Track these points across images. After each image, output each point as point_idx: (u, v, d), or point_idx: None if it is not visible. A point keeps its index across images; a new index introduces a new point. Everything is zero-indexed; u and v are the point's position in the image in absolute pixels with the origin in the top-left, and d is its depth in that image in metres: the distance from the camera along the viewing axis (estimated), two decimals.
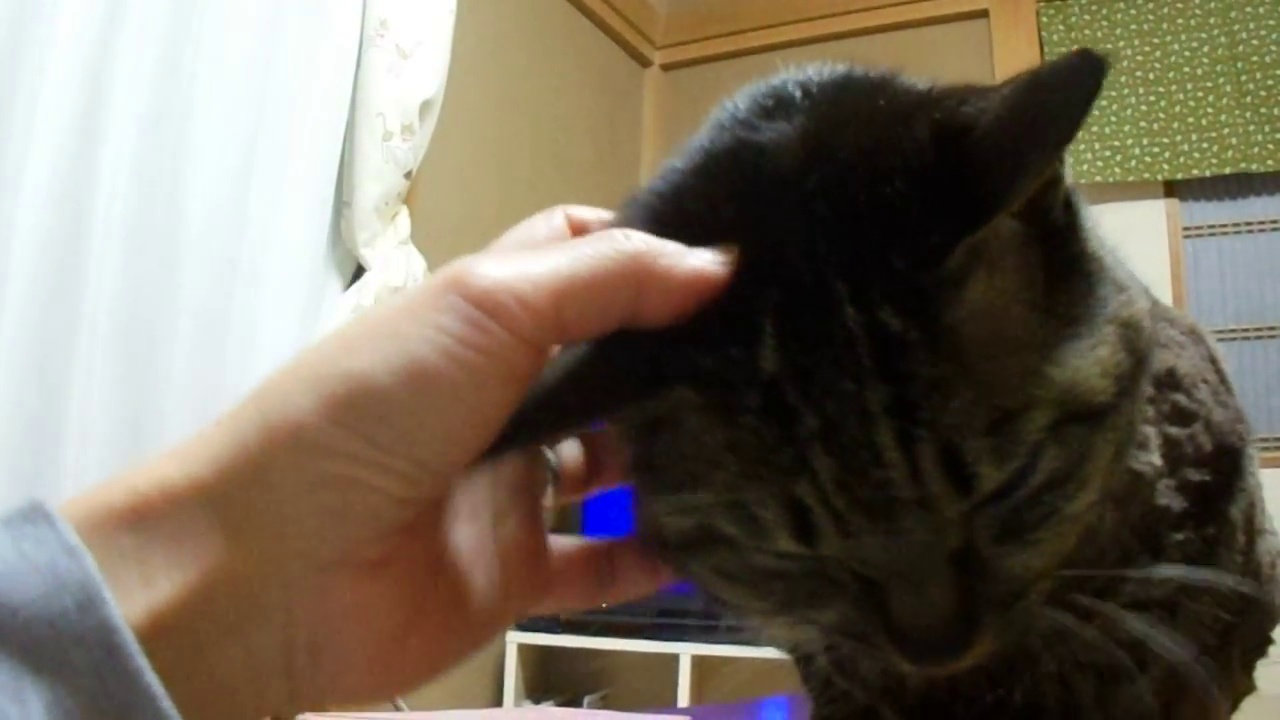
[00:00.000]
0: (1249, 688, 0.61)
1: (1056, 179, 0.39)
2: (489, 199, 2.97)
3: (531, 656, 2.94)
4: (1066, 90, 0.35)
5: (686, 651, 2.66)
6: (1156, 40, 3.01)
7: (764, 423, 0.36)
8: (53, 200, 1.85)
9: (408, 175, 2.42)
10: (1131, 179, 2.99)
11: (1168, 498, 0.48)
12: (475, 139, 2.93)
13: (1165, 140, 2.95)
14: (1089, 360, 0.38)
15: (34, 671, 0.31)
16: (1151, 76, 3.00)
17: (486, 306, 0.35)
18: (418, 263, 2.46)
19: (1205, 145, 2.90)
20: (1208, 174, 2.91)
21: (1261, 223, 2.96)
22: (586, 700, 2.88)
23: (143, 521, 0.34)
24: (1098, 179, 3.02)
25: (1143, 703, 0.50)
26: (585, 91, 3.56)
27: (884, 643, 0.38)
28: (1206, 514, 0.49)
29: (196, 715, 0.33)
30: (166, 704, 0.32)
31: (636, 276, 0.37)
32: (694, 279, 0.37)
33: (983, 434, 0.35)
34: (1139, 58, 3.02)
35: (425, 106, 2.43)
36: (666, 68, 3.93)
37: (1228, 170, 2.89)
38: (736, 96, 0.44)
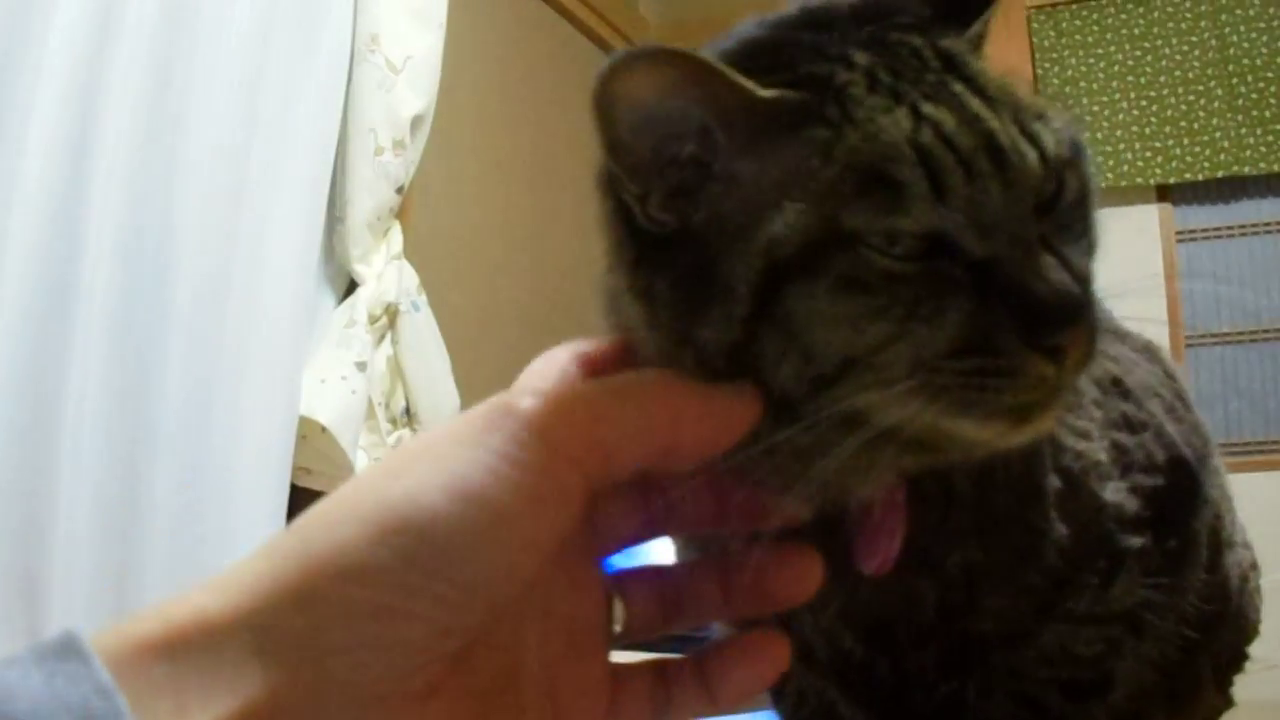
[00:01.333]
0: (1226, 703, 0.61)
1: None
2: (482, 213, 2.98)
3: None
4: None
5: None
6: (1147, 45, 3.03)
7: (871, 94, 0.41)
8: (45, 216, 1.84)
9: (399, 190, 2.42)
10: (1124, 184, 3.01)
11: (1119, 496, 0.49)
12: (468, 153, 2.93)
13: (1157, 144, 2.97)
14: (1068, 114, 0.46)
15: None
16: (1143, 81, 3.02)
17: (535, 426, 0.36)
18: (410, 277, 2.46)
19: (1197, 149, 2.92)
20: (1200, 178, 2.93)
21: (1255, 225, 2.97)
22: None
23: (177, 652, 0.33)
24: None
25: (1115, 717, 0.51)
26: (577, 103, 3.55)
27: (1011, 327, 0.39)
28: (1166, 525, 0.51)
29: None
30: None
31: (674, 415, 0.39)
32: (724, 420, 0.40)
33: (1035, 118, 0.43)
34: (1130, 63, 3.04)
35: (416, 121, 2.43)
36: None
37: (1220, 174, 2.91)
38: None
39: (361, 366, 2.31)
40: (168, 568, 1.98)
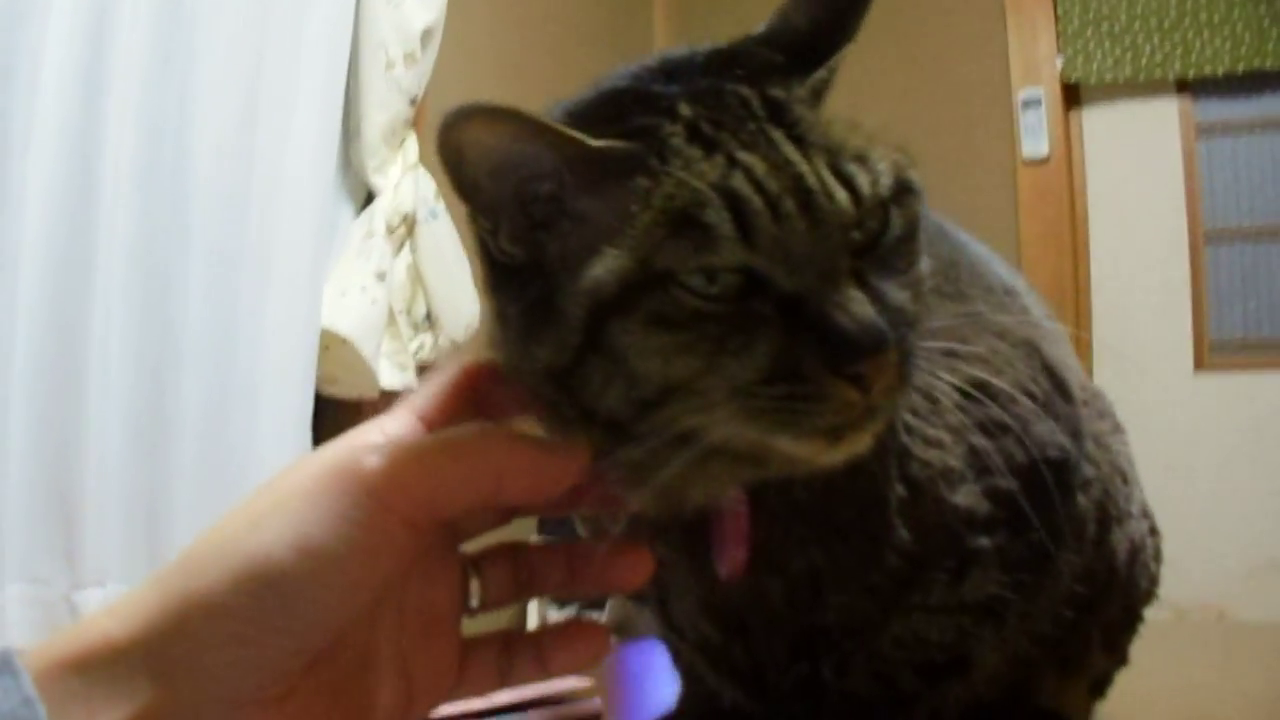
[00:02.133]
0: (1118, 662, 0.65)
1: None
2: None
3: None
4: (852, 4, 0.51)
5: None
6: None
7: (690, 144, 0.45)
8: (63, 143, 1.89)
9: (413, 102, 2.45)
10: (1142, 78, 2.96)
11: (970, 500, 0.52)
12: (482, 59, 2.94)
13: (1177, 37, 2.92)
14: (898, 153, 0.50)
15: None
16: None
17: (371, 489, 0.43)
18: (427, 186, 2.49)
19: (1218, 42, 2.87)
20: (1220, 72, 2.88)
21: (1277, 121, 2.93)
22: None
23: (88, 667, 0.42)
24: (1108, 78, 3.00)
25: (974, 694, 0.55)
26: (593, 2, 3.55)
27: (818, 354, 0.43)
28: (1026, 520, 0.53)
29: None
30: None
31: (499, 471, 0.45)
32: (547, 475, 0.46)
33: (852, 160, 0.46)
34: None
35: (426, 34, 2.45)
36: None
37: (1241, 68, 2.86)
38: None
39: (381, 276, 2.37)
40: (196, 480, 2.08)
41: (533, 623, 2.79)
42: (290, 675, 0.44)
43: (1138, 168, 3.02)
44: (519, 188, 0.47)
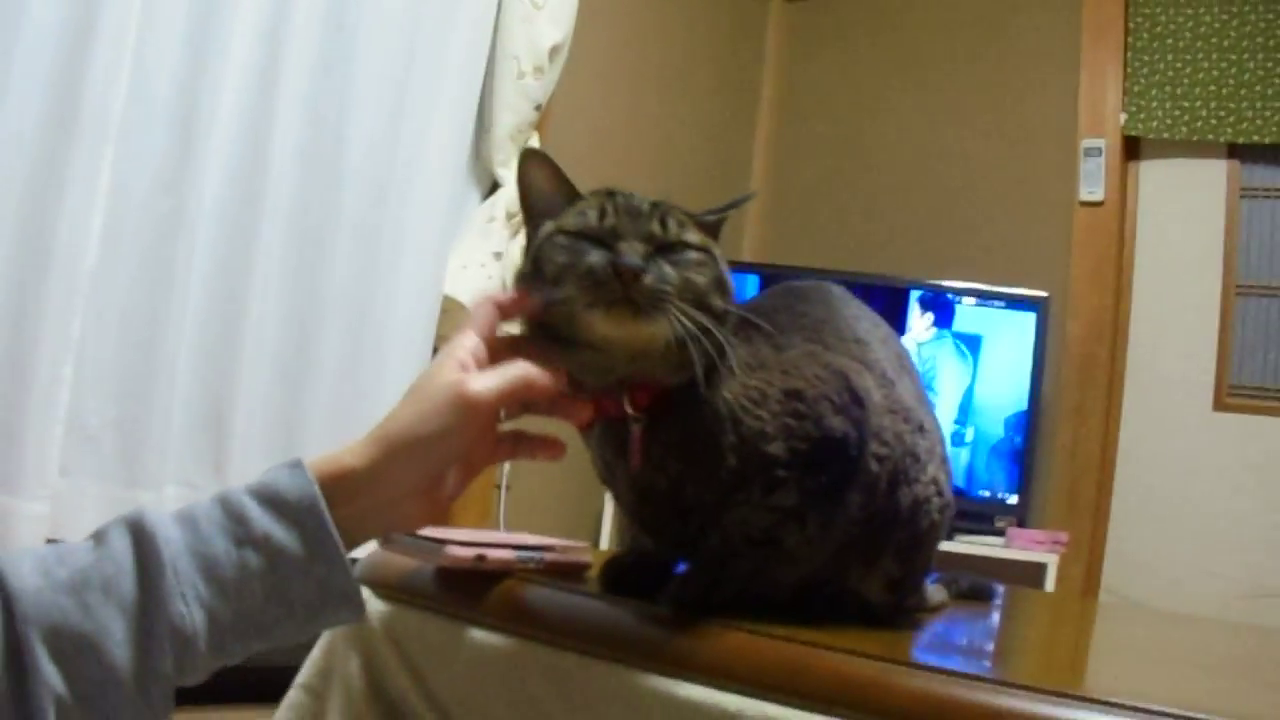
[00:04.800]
0: (903, 571, 0.95)
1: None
2: (612, 122, 3.34)
3: None
4: (725, 211, 0.92)
5: None
6: (1234, 9, 3.21)
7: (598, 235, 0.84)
8: (240, 133, 2.30)
9: (538, 108, 2.81)
10: (1197, 139, 3.22)
11: (777, 449, 0.86)
12: (602, 73, 3.27)
13: (1232, 105, 3.17)
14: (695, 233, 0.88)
15: (285, 522, 0.75)
16: (1225, 44, 3.20)
17: (466, 400, 0.79)
18: None
19: (1268, 114, 3.13)
20: (1268, 140, 3.13)
21: None
22: None
23: (335, 480, 0.77)
24: (1165, 135, 3.27)
25: (808, 571, 0.91)
26: (709, 23, 3.83)
27: (607, 264, 0.80)
28: (815, 467, 0.86)
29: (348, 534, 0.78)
30: (334, 529, 0.76)
31: (529, 386, 0.82)
32: (551, 383, 0.82)
33: (664, 218, 0.86)
34: (1216, 25, 3.22)
35: (554, 50, 2.80)
36: None
37: None
38: None
39: (498, 256, 2.74)
40: (330, 415, 2.50)
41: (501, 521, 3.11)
42: (427, 482, 0.81)
43: (1184, 220, 3.28)
44: (546, 201, 0.89)
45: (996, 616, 1.27)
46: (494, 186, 2.84)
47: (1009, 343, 3.22)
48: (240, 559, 0.73)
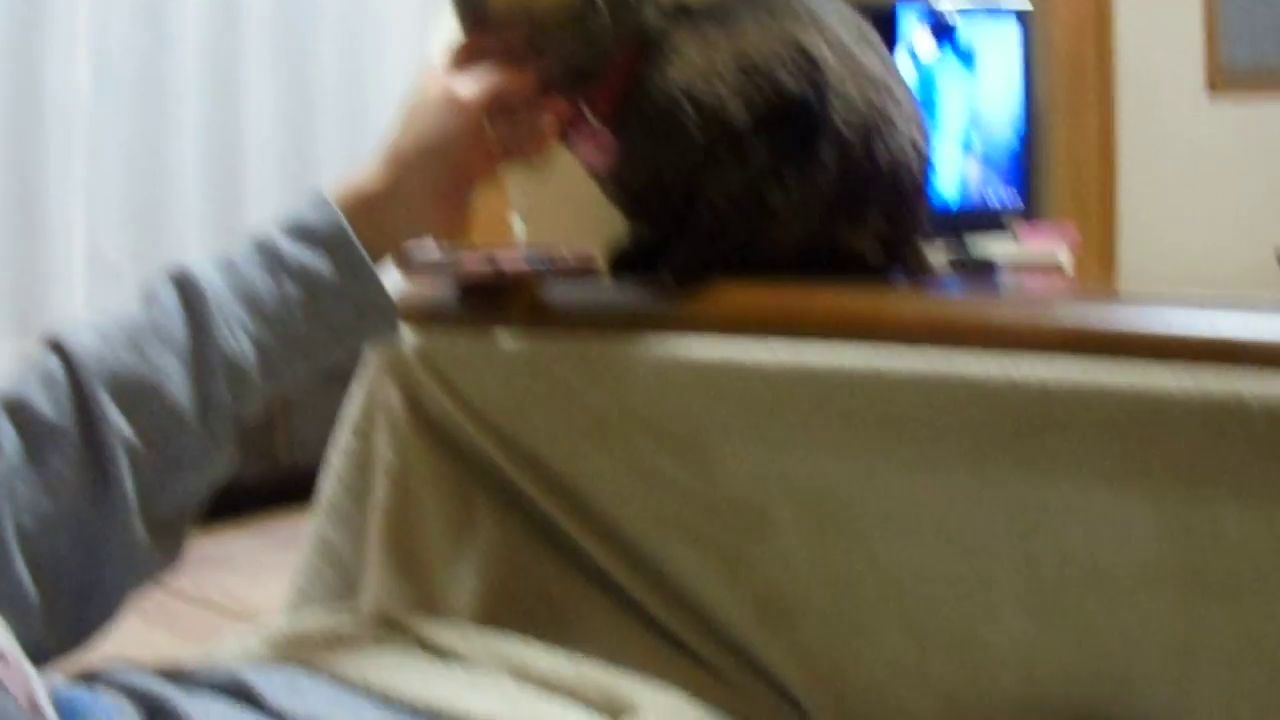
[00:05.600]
0: (900, 231, 1.00)
1: None
2: None
3: None
4: None
5: None
6: None
7: None
8: None
9: None
10: None
11: (739, 114, 0.89)
12: None
13: None
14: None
15: (317, 251, 0.80)
16: None
17: (464, 105, 0.83)
18: None
19: None
20: None
21: None
22: None
23: (356, 205, 0.81)
24: None
25: (801, 237, 0.95)
26: None
27: None
28: (778, 123, 0.90)
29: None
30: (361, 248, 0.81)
31: (504, 82, 0.84)
32: (520, 83, 0.86)
33: None
34: None
35: None
36: None
37: None
38: None
39: None
40: (337, 147, 2.58)
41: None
42: (443, 188, 0.84)
43: None
44: None
45: (1000, 278, 1.33)
46: None
47: (999, 56, 3.20)
48: (280, 291, 0.79)
